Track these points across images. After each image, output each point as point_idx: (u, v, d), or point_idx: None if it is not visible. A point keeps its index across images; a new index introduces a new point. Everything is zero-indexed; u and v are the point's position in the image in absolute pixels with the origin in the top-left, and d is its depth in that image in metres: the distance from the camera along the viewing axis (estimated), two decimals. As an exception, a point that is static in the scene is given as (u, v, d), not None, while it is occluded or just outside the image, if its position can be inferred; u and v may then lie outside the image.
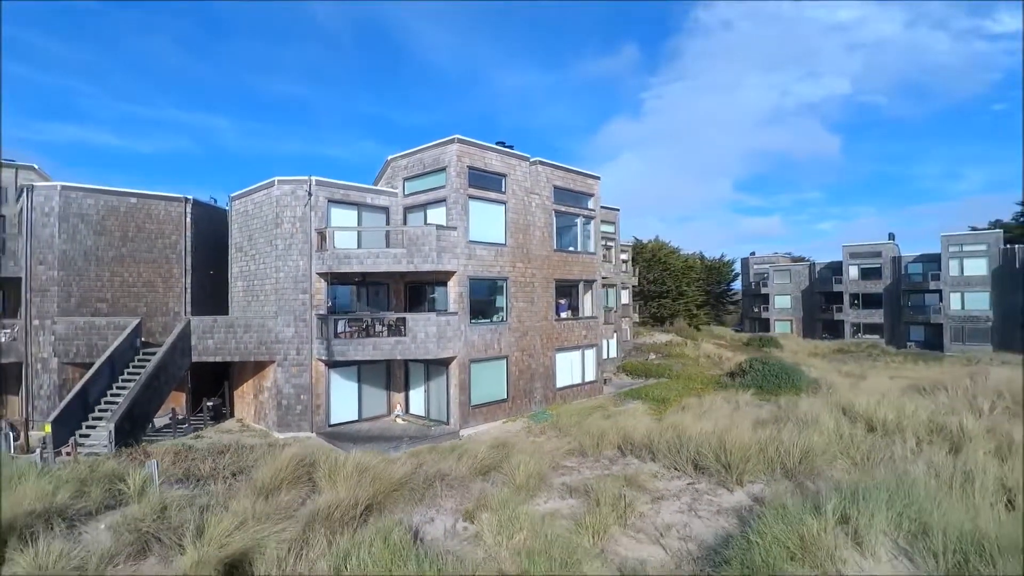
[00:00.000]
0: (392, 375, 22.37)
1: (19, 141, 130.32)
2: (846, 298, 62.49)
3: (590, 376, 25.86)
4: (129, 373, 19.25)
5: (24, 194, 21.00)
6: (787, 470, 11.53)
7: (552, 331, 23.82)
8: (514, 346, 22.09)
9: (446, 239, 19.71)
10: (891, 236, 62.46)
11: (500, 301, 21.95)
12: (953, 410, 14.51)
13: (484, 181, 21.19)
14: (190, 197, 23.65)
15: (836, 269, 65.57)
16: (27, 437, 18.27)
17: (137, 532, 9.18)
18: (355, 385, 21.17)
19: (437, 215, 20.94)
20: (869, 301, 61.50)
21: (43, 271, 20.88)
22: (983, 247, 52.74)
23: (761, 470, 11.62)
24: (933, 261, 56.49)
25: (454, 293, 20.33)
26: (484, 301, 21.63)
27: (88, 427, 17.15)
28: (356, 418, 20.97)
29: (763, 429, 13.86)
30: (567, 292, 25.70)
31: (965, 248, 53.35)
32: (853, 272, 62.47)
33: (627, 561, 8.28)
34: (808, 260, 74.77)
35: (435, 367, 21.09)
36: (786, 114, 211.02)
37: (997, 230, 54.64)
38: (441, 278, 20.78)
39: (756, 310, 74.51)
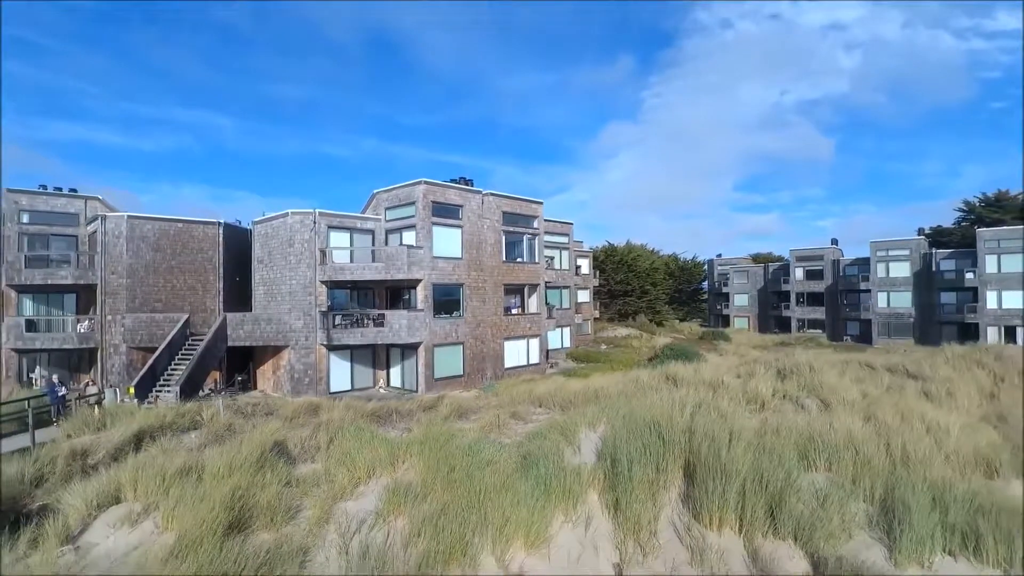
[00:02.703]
0: (377, 356, 29.62)
1: (22, 140, 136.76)
2: (793, 297, 69.75)
3: (534, 359, 33.10)
4: (182, 355, 26.39)
5: (99, 221, 28.23)
6: (596, 402, 18.56)
7: (501, 324, 31.05)
8: (469, 335, 29.32)
9: (415, 256, 26.93)
10: (834, 241, 69.76)
11: (458, 301, 29.18)
12: (751, 376, 21.42)
13: (445, 211, 28.43)
14: (222, 221, 30.98)
15: (786, 270, 72.77)
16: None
17: (215, 435, 16.29)
18: (348, 364, 28.43)
19: (410, 237, 28.13)
20: (813, 299, 68.76)
21: (114, 279, 28.09)
22: (906, 252, 59.83)
23: (584, 403, 18.55)
24: (867, 264, 63.60)
25: (422, 295, 27.55)
26: (446, 301, 28.85)
27: (156, 391, 24.30)
28: (349, 388, 28.20)
29: (617, 386, 20.93)
30: (518, 293, 32.90)
31: (891, 253, 60.46)
32: (799, 273, 69.71)
33: (489, 441, 15.39)
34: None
35: (408, 350, 28.31)
36: (784, 113, 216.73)
37: (920, 237, 61.75)
38: (412, 284, 28.01)
39: (719, 307, 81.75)
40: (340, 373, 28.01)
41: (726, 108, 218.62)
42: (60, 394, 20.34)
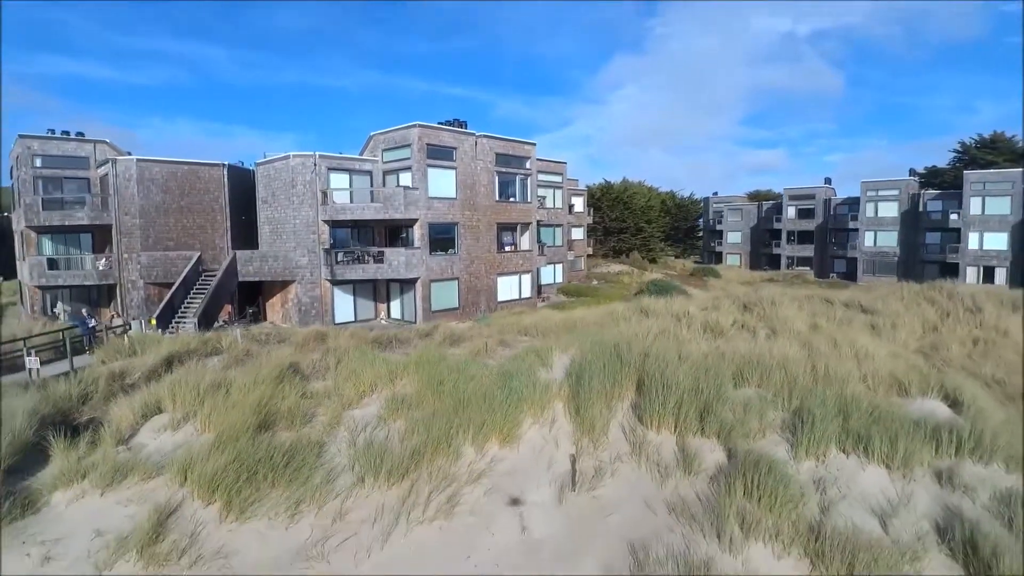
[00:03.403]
0: (378, 290, 31.44)
1: (13, 75, 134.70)
2: (784, 235, 71.13)
3: (526, 294, 34.96)
4: (196, 290, 28.13)
5: (110, 165, 29.44)
6: (574, 331, 20.35)
7: (494, 261, 32.70)
8: (464, 271, 31.04)
9: (411, 196, 28.29)
10: (827, 180, 70.48)
11: (453, 239, 30.73)
12: (716, 308, 23.23)
13: (439, 153, 29.61)
14: (226, 163, 32.17)
15: (779, 209, 73.82)
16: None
17: (235, 359, 18.17)
18: (351, 297, 30.28)
19: (406, 178, 29.41)
20: (804, 238, 70.19)
21: (128, 220, 29.54)
22: (895, 192, 60.82)
23: (564, 332, 20.39)
24: (857, 203, 64.65)
25: (418, 234, 29.09)
26: (441, 239, 30.42)
27: (176, 322, 26.17)
28: (353, 319, 30.12)
29: (596, 318, 22.75)
30: (510, 231, 34.41)
31: (881, 193, 61.46)
32: (791, 212, 70.86)
33: (476, 362, 17.29)
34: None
35: (407, 285, 30.09)
36: (795, 44, 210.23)
37: (911, 178, 62.59)
38: (409, 223, 29.49)
39: (713, 245, 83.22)
40: (344, 306, 29.89)
41: (735, 38, 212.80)
42: (90, 325, 22.25)
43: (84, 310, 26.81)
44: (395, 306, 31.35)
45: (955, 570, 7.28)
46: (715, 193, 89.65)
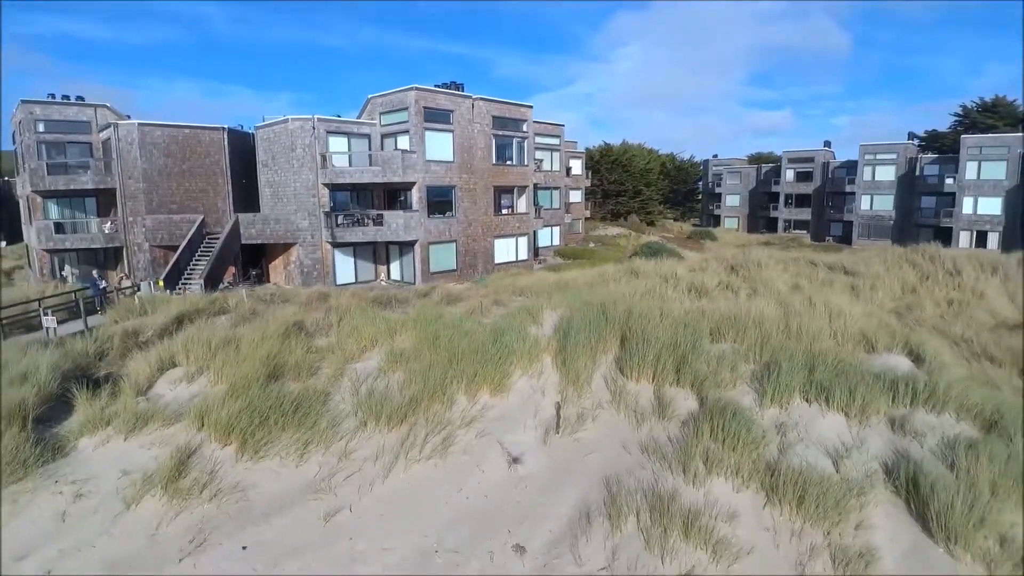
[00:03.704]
0: (377, 252, 32.15)
1: (7, 35, 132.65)
2: (782, 198, 71.40)
3: (523, 256, 35.67)
4: (201, 252, 28.81)
5: (112, 129, 29.80)
6: (566, 291, 21.10)
7: (491, 223, 33.30)
8: (461, 234, 31.69)
9: (409, 159, 28.75)
10: (827, 144, 70.34)
11: (451, 202, 31.29)
12: (704, 270, 23.96)
13: (436, 116, 29.95)
14: (226, 126, 32.49)
15: (779, 172, 73.85)
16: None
17: (242, 317, 18.96)
18: (352, 259, 31.03)
19: (404, 141, 29.80)
20: (801, 201, 70.44)
21: (131, 183, 30.04)
22: (893, 156, 60.88)
23: (556, 292, 21.09)
24: (855, 167, 64.73)
25: (416, 197, 29.63)
26: (439, 202, 30.98)
27: (183, 283, 26.93)
28: (353, 281, 30.91)
29: (587, 279, 23.50)
30: (507, 194, 34.90)
31: (878, 156, 61.55)
32: (790, 175, 70.97)
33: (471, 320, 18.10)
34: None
35: (406, 247, 30.77)
36: (802, 2, 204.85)
37: (909, 142, 62.54)
38: (408, 186, 30.01)
39: (711, 208, 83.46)
40: (345, 267, 30.65)
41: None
42: (101, 286, 23.03)
43: (94, 272, 27.58)
44: (395, 268, 32.10)
45: (897, 505, 8.08)
46: (715, 155, 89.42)
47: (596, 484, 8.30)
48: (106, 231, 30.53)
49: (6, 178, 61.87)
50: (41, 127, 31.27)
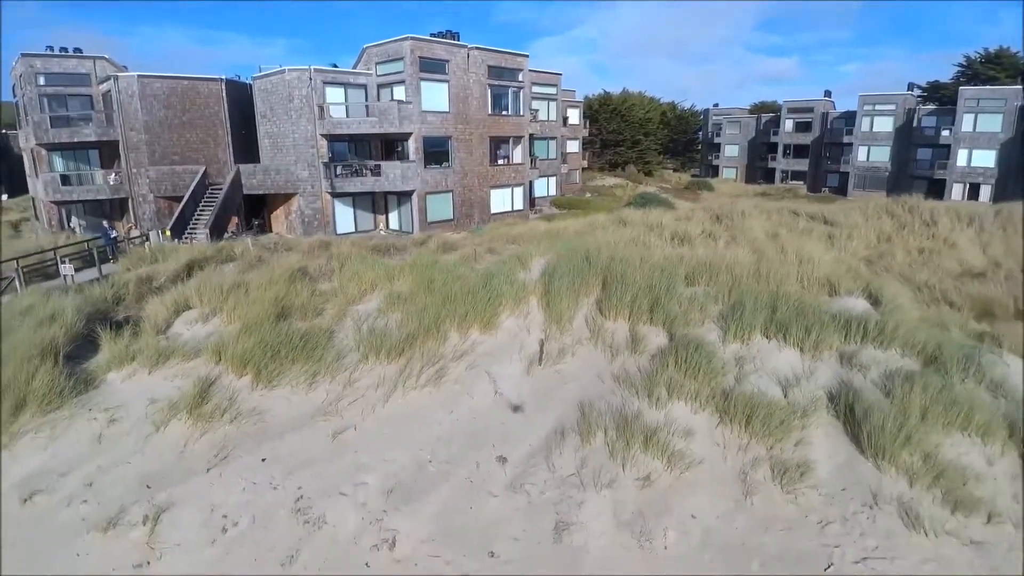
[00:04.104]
0: (376, 202, 32.92)
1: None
2: (780, 148, 71.39)
3: (519, 206, 36.42)
4: (204, 202, 29.55)
5: (112, 81, 30.12)
6: (556, 239, 21.98)
7: (487, 173, 33.94)
8: (457, 184, 32.38)
9: (405, 110, 29.21)
10: (827, 93, 69.90)
11: (447, 152, 31.86)
12: (689, 219, 24.83)
13: (432, 66, 30.23)
14: (224, 77, 32.74)
15: (778, 122, 73.55)
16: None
17: (248, 264, 19.94)
18: (351, 209, 31.83)
19: (400, 92, 30.17)
20: (800, 151, 70.45)
21: (133, 135, 30.55)
22: (892, 107, 60.61)
23: (548, 240, 22.01)
24: (854, 118, 64.45)
25: (413, 147, 30.22)
26: (436, 152, 31.57)
27: (189, 233, 27.79)
28: (353, 230, 31.79)
29: (578, 227, 24.37)
30: (504, 144, 35.41)
31: (877, 107, 61.26)
32: (789, 125, 70.77)
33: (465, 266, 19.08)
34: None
35: (403, 197, 31.52)
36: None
37: (908, 92, 62.14)
38: (404, 137, 30.54)
39: (710, 158, 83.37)
40: (344, 217, 31.48)
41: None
42: (113, 236, 23.93)
43: (104, 222, 28.42)
44: (393, 217, 32.90)
45: (836, 426, 9.18)
46: (716, 105, 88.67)
47: (572, 408, 9.41)
48: (111, 182, 31.19)
49: (4, 131, 61.54)
50: (42, 80, 31.54)
